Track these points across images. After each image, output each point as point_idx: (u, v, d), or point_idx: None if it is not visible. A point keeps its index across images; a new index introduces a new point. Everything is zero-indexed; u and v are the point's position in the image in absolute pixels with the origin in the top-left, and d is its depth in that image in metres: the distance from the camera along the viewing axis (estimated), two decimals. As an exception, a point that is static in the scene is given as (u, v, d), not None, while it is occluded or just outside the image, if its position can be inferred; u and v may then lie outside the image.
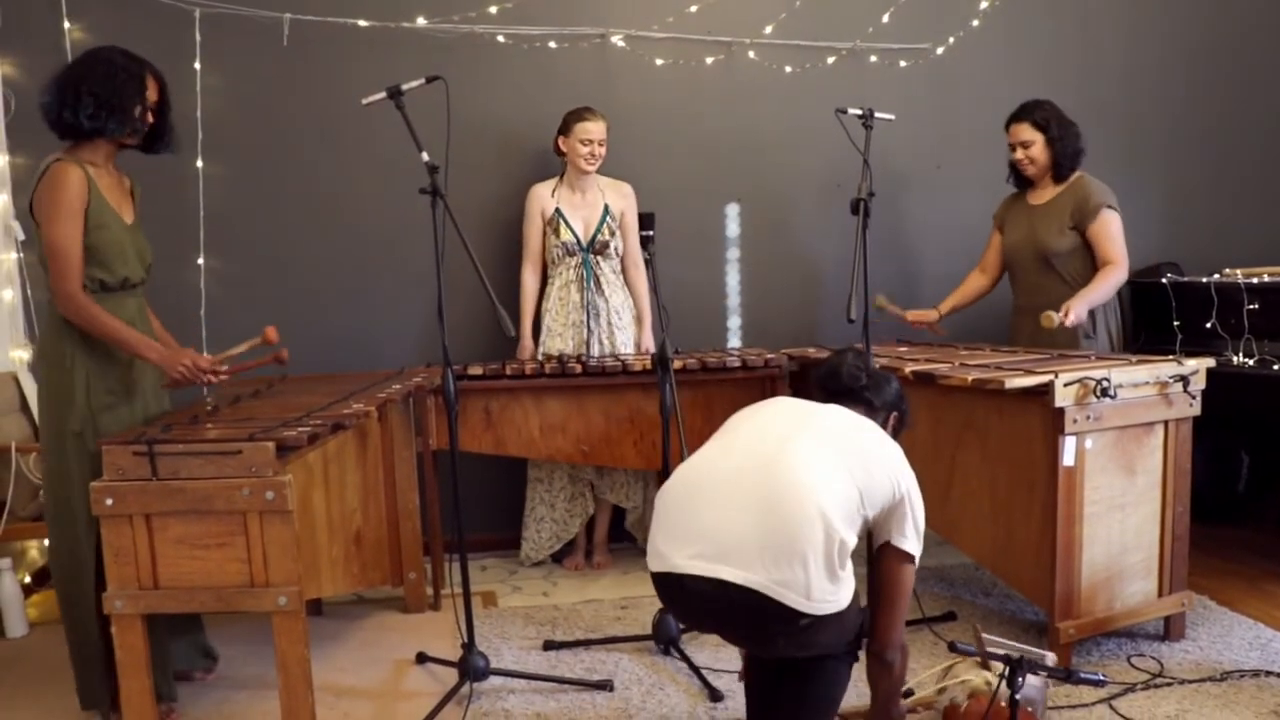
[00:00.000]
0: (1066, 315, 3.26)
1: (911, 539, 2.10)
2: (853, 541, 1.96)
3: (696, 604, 1.99)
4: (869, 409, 2.26)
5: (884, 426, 2.28)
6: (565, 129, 3.72)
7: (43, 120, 2.53)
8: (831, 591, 1.92)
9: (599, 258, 3.79)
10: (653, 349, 3.78)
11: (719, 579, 1.90)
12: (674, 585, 1.99)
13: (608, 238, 3.79)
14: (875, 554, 2.16)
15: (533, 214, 3.81)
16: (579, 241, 3.77)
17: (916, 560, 2.13)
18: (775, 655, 2.07)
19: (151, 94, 2.62)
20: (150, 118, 2.63)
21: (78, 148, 2.56)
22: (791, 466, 1.96)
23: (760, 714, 2.22)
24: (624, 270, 3.90)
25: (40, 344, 2.59)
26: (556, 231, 3.77)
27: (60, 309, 2.52)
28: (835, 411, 2.19)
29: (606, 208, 3.80)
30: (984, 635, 2.41)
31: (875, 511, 2.06)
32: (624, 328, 3.84)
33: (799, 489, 1.92)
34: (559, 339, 3.80)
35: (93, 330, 2.53)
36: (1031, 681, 2.31)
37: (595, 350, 3.77)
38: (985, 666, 2.38)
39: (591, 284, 3.79)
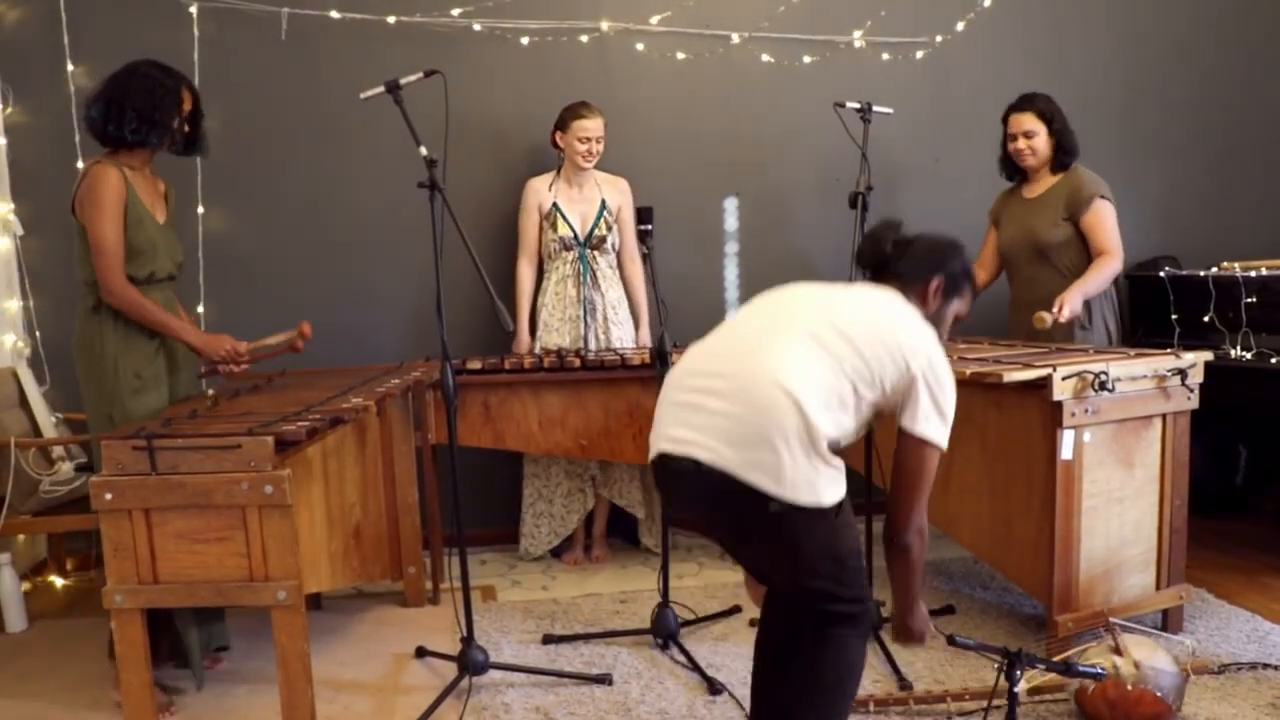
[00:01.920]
0: (1060, 310, 3.22)
1: (924, 421, 1.98)
2: (832, 432, 1.90)
3: (677, 487, 2.02)
4: (902, 281, 2.16)
5: (924, 295, 2.17)
6: (562, 125, 3.72)
7: (89, 131, 2.73)
8: (806, 479, 1.87)
9: (595, 253, 3.79)
10: (651, 345, 3.78)
11: (692, 458, 1.92)
12: (661, 469, 2.03)
13: (604, 233, 3.79)
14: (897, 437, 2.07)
15: (529, 208, 3.80)
16: (576, 236, 3.77)
17: (937, 444, 2.00)
18: (753, 558, 2.07)
19: (186, 105, 2.78)
20: (185, 128, 2.81)
21: (117, 153, 2.74)
22: (768, 355, 1.94)
23: (764, 694, 2.09)
24: (621, 266, 3.90)
25: (77, 337, 2.75)
26: (554, 226, 3.77)
27: (106, 299, 2.68)
28: (844, 298, 2.09)
29: (604, 203, 3.80)
30: (1115, 621, 2.50)
31: (878, 394, 1.98)
32: (620, 323, 3.84)
33: (771, 374, 1.90)
34: (555, 334, 3.80)
35: (138, 317, 2.70)
36: (1166, 670, 2.36)
37: (592, 346, 3.77)
38: (1117, 651, 2.42)
39: (588, 279, 3.79)
